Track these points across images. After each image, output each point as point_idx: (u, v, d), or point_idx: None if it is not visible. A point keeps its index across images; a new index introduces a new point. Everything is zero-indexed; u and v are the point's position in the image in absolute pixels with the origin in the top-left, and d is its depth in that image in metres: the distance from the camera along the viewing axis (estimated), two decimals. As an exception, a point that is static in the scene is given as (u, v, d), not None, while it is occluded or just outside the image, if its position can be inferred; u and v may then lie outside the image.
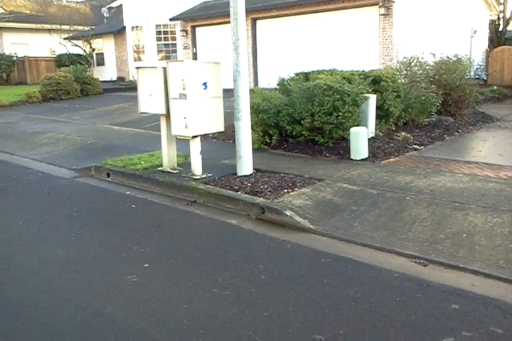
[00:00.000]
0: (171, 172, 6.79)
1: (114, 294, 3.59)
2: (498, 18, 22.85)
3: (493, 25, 21.67)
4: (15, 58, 23.78)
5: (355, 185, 5.85)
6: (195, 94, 6.25)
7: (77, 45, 23.74)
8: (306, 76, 9.40)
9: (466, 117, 10.29)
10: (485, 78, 18.26)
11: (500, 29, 22.57)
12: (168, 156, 6.94)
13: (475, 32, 18.06)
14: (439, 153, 7.71)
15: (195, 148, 6.54)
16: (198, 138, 6.53)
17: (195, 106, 6.27)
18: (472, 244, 4.19)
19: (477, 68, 17.29)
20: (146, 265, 4.05)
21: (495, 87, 15.46)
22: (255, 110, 8.05)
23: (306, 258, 4.13)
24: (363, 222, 4.83)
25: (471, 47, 16.85)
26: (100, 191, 6.55)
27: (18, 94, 17.60)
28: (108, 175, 7.18)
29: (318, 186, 5.87)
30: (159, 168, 6.96)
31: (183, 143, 6.89)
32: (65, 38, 24.01)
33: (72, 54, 23.87)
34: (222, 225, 5.05)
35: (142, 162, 7.29)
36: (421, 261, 4.01)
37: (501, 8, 22.22)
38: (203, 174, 6.52)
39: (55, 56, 24.34)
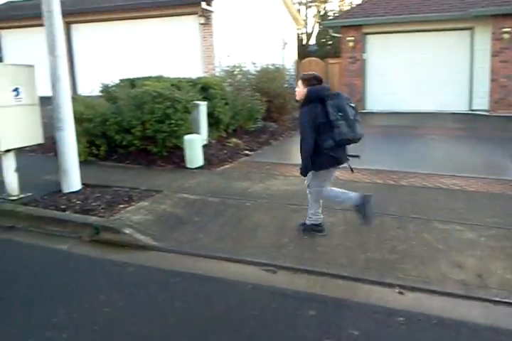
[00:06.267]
0: (-22, 194, 5.76)
1: None
2: (304, 33, 25.12)
3: (298, 38, 23.72)
4: None
5: (195, 195, 5.65)
6: (4, 101, 5.39)
7: None
8: (132, 83, 8.95)
9: (287, 123, 10.92)
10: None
11: (304, 42, 24.86)
12: (-26, 175, 5.88)
13: (285, 44, 19.47)
14: (268, 157, 7.97)
15: (9, 164, 5.64)
16: (12, 152, 5.65)
17: (5, 115, 5.40)
18: (314, 245, 4.30)
19: (290, 77, 18.60)
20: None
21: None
22: (78, 119, 7.31)
23: (154, 281, 3.77)
24: (207, 232, 4.64)
25: (283, 58, 18.11)
26: None
27: None
28: None
29: (157, 198, 5.52)
30: (-37, 190, 5.86)
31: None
32: None
33: None
34: (49, 253, 4.38)
35: None
36: (270, 268, 3.96)
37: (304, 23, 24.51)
38: (21, 194, 5.65)
39: None
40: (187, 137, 7.10)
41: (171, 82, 8.41)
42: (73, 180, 5.79)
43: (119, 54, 15.06)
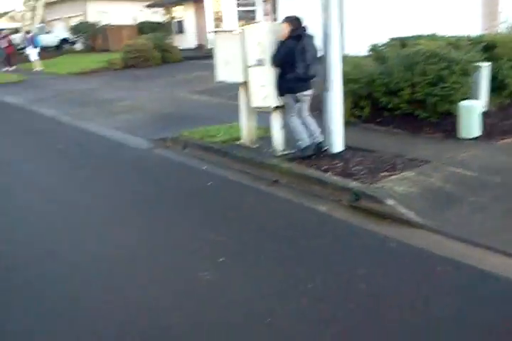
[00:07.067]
0: (250, 147, 6.13)
1: (181, 295, 3.02)
2: None
3: None
4: (99, 26, 24.14)
5: (470, 170, 4.87)
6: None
7: (157, 13, 23.56)
8: (403, 42, 8.27)
9: None
10: None
11: None
12: (247, 129, 6.26)
13: None
14: None
15: (277, 120, 5.80)
16: (280, 109, 5.77)
17: (275, 73, 5.48)
18: None
19: None
20: (221, 259, 3.44)
21: None
22: (344, 79, 7.13)
23: (418, 264, 3.33)
24: (484, 217, 3.90)
25: None
26: (175, 165, 6.04)
27: (101, 61, 17.69)
28: (184, 147, 6.66)
29: (423, 169, 4.95)
30: (238, 142, 6.32)
31: (263, 114, 6.16)
32: (146, 6, 23.87)
33: (153, 22, 23.78)
34: (308, 212, 4.33)
35: (220, 134, 6.69)
36: None
37: None
38: (285, 150, 5.80)
39: (136, 24, 24.38)
40: (463, 103, 6.20)
41: (447, 40, 7.45)
42: (336, 141, 5.64)
43: (387, 12, 14.29)
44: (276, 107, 5.65)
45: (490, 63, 7.12)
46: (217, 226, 4.08)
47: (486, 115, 6.62)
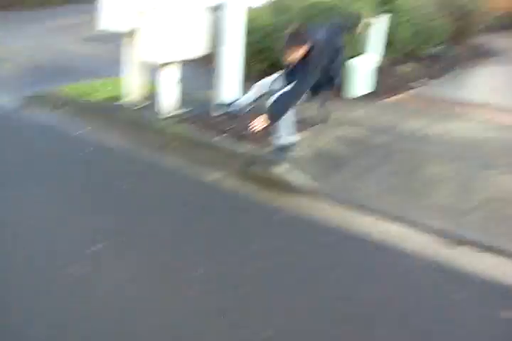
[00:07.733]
0: (135, 107, 5.60)
1: (40, 296, 2.64)
2: None
3: None
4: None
5: (358, 130, 4.84)
6: (169, 5, 4.84)
7: None
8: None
9: (472, 49, 9.10)
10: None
11: None
12: (133, 86, 5.69)
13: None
14: (449, 90, 6.65)
15: (167, 76, 5.30)
16: (174, 64, 5.26)
17: (169, 21, 4.89)
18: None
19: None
20: (93, 247, 3.01)
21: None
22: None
23: (305, 237, 3.22)
24: (373, 180, 3.90)
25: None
26: (45, 129, 5.26)
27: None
28: (57, 107, 5.92)
29: (313, 131, 4.84)
30: (121, 101, 5.75)
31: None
32: None
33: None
34: (195, 184, 4.01)
35: (101, 91, 6.04)
36: (452, 238, 3.16)
37: None
38: (177, 110, 5.37)
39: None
40: (350, 61, 6.07)
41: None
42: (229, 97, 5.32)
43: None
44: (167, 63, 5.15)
45: (388, 16, 6.99)
46: (89, 208, 3.59)
47: (379, 71, 6.57)
